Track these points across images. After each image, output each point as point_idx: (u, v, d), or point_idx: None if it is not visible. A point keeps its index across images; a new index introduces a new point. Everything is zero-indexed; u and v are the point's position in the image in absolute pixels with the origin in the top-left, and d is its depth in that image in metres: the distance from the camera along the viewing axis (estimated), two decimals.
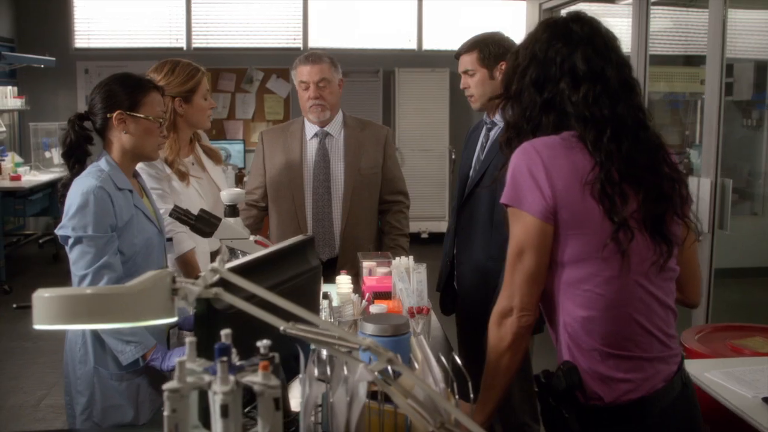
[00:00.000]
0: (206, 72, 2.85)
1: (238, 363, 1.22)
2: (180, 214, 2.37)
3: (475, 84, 2.87)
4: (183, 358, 1.16)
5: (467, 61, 2.87)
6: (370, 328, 2.03)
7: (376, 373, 1.22)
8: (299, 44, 8.71)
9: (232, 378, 1.15)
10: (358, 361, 1.23)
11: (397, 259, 2.55)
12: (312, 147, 3.15)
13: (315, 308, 1.96)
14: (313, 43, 8.71)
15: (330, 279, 2.75)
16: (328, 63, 3.08)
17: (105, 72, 9.06)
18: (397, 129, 8.62)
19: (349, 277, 2.74)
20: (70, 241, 2.08)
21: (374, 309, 2.31)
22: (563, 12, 6.30)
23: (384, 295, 2.56)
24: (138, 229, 2.16)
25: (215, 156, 2.97)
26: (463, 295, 2.98)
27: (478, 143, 2.94)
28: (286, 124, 3.33)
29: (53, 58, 7.55)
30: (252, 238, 2.44)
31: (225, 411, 1.12)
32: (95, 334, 2.12)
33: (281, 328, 1.25)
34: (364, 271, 2.82)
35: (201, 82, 2.77)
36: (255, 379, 1.15)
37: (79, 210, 2.05)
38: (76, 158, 2.19)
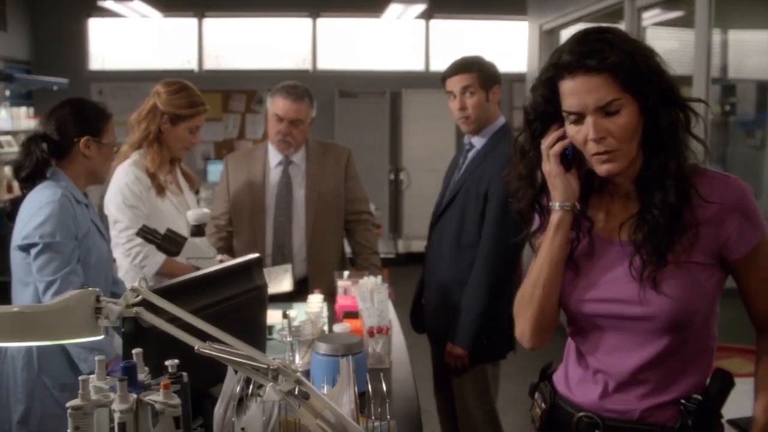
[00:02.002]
0: (207, 110, 2.90)
1: (146, 381, 1.24)
2: (147, 234, 2.41)
3: (473, 105, 2.75)
4: (86, 376, 1.19)
5: (466, 78, 2.73)
6: (323, 347, 2.06)
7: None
8: (308, 66, 8.81)
9: (133, 396, 1.17)
10: (266, 381, 1.25)
11: (365, 278, 2.56)
12: (275, 174, 3.14)
13: (261, 326, 1.98)
14: (321, 65, 8.81)
15: (303, 299, 2.77)
16: (307, 103, 3.05)
17: (118, 93, 9.16)
18: (404, 149, 8.70)
19: (321, 296, 2.76)
20: (36, 249, 2.12)
21: (337, 328, 2.34)
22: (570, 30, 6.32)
23: (355, 314, 2.57)
24: (93, 243, 2.22)
25: (191, 180, 3.04)
26: (428, 315, 2.98)
27: (457, 165, 2.93)
28: (250, 150, 3.31)
29: (66, 80, 7.68)
30: (218, 257, 2.47)
31: (122, 429, 1.14)
32: (40, 348, 2.14)
33: (196, 347, 1.28)
34: (339, 291, 2.85)
35: (195, 116, 2.83)
36: (156, 398, 1.17)
37: (47, 218, 2.11)
38: (33, 180, 2.23)
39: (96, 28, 8.71)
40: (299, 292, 2.96)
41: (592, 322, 1.56)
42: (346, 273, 2.90)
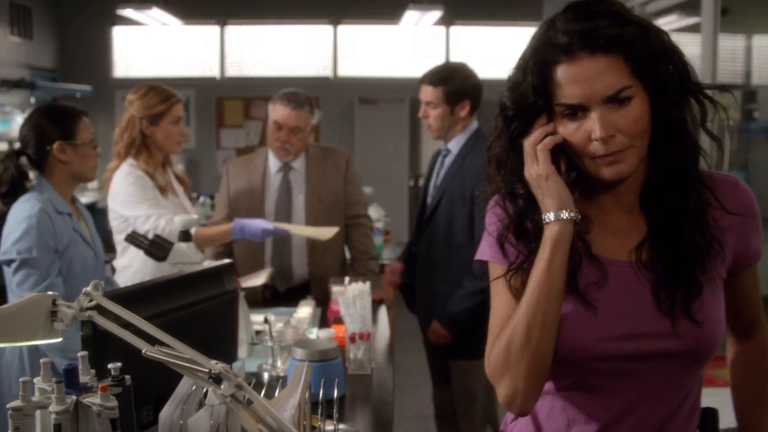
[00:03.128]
0: (181, 99, 2.94)
1: (89, 384, 1.26)
2: (135, 238, 2.44)
3: (435, 117, 2.88)
4: (27, 378, 1.21)
5: (430, 94, 2.86)
6: (299, 352, 2.08)
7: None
8: (329, 73, 8.85)
9: (72, 398, 1.18)
10: (209, 385, 1.26)
11: (351, 284, 2.56)
12: (275, 181, 3.17)
13: (232, 331, 1.99)
14: (342, 72, 8.85)
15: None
16: (307, 111, 3.08)
17: None
18: (424, 156, 8.69)
19: (313, 302, 2.79)
20: (14, 264, 2.16)
21: (323, 333, 2.36)
22: None
23: None
24: (76, 252, 2.25)
25: (184, 184, 3.08)
26: (424, 321, 2.99)
27: (434, 170, 2.96)
28: (250, 156, 3.34)
29: (89, 87, 7.82)
30: (206, 263, 2.49)
31: (58, 430, 1.15)
32: (32, 354, 2.18)
33: (143, 351, 1.29)
34: (333, 296, 2.86)
35: (171, 109, 2.87)
36: (94, 400, 1.19)
37: (24, 234, 2.14)
38: (14, 196, 2.26)
39: (120, 36, 8.85)
40: (299, 298, 2.98)
41: (610, 368, 1.24)
42: (347, 279, 2.91)
